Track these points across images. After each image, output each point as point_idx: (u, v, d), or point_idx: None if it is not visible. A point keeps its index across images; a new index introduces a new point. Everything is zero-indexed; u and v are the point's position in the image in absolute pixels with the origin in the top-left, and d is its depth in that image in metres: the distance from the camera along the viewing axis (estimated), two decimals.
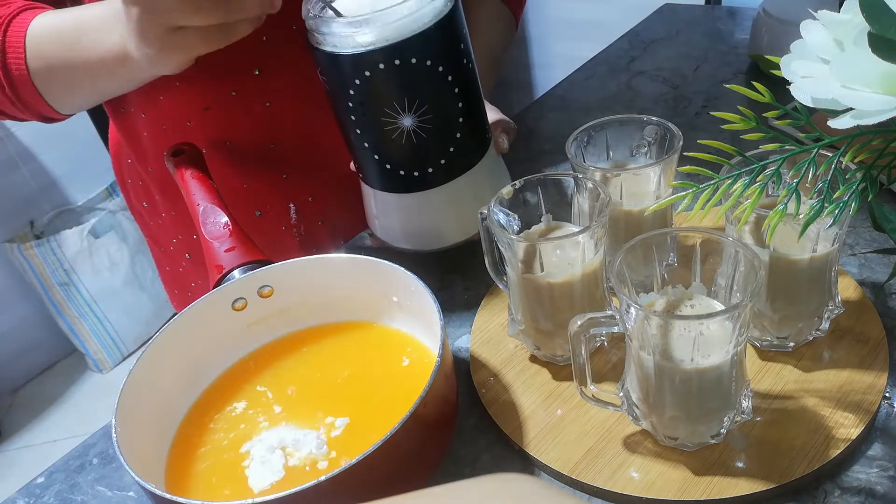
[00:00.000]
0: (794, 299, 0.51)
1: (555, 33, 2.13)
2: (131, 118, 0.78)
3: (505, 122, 0.69)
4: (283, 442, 0.50)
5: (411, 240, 0.66)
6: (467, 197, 0.63)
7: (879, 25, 0.35)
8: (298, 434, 0.51)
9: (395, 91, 0.56)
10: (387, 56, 0.54)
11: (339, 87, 0.57)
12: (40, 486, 0.57)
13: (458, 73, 0.58)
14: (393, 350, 0.57)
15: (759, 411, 0.50)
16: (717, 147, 0.44)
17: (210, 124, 0.74)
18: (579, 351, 0.47)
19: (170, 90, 0.72)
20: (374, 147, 0.60)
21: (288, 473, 0.49)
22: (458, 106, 0.59)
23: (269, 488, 0.48)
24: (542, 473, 0.50)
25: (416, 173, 0.61)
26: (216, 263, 0.59)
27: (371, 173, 0.63)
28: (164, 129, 0.75)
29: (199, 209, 0.63)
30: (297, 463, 0.49)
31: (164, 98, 0.73)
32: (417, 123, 0.57)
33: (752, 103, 0.44)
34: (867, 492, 0.45)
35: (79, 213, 2.09)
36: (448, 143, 0.60)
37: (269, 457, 0.50)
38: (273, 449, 0.50)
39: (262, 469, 0.49)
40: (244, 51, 0.69)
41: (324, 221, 0.82)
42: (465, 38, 0.59)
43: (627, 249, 0.47)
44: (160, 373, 0.53)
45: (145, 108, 0.75)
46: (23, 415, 2.07)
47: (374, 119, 0.58)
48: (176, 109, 0.73)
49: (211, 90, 0.72)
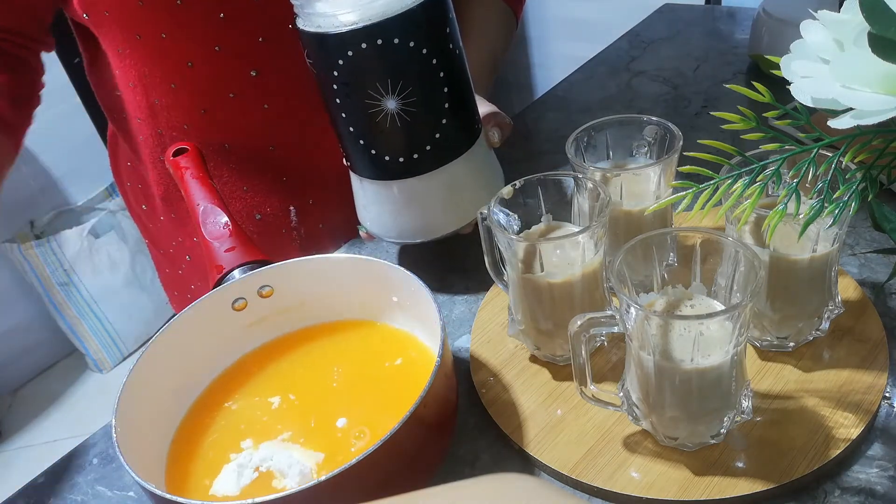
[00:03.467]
0: (794, 299, 0.51)
1: (555, 33, 2.13)
2: (129, 122, 0.78)
3: (499, 116, 0.68)
4: (281, 445, 0.50)
5: (398, 230, 0.66)
6: (454, 186, 0.63)
7: (879, 25, 0.35)
8: (293, 447, 0.50)
9: (379, 72, 0.56)
10: (369, 35, 0.54)
11: (324, 69, 0.57)
12: (40, 486, 0.57)
13: (443, 57, 0.58)
14: (393, 350, 0.57)
15: (759, 411, 0.50)
16: (717, 147, 0.44)
17: (208, 127, 0.74)
18: (579, 351, 0.47)
19: (167, 93, 0.72)
20: (359, 131, 0.60)
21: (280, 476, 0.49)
22: (444, 91, 0.59)
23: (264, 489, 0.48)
24: (542, 473, 0.50)
25: (402, 159, 0.60)
26: (216, 263, 0.59)
27: (357, 160, 0.63)
28: (161, 133, 0.75)
29: (199, 209, 0.63)
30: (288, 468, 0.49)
31: (161, 101, 0.73)
32: (401, 106, 0.57)
33: (752, 103, 0.44)
34: (867, 492, 0.45)
35: (79, 213, 2.09)
36: (433, 128, 0.60)
37: (268, 457, 0.50)
38: (271, 450, 0.50)
39: (247, 473, 0.49)
40: (241, 52, 0.69)
41: (324, 224, 0.82)
42: (452, 23, 0.59)
43: (627, 249, 0.47)
44: (160, 373, 0.53)
45: (142, 113, 0.75)
46: (23, 415, 2.07)
47: (359, 101, 0.57)
48: (173, 113, 0.73)
49: (208, 92, 0.72)
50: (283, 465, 0.49)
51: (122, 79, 0.74)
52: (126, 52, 0.70)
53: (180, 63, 0.70)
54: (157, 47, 0.69)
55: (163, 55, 0.69)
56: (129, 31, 0.69)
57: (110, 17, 0.68)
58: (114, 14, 0.68)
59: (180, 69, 0.70)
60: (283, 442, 0.51)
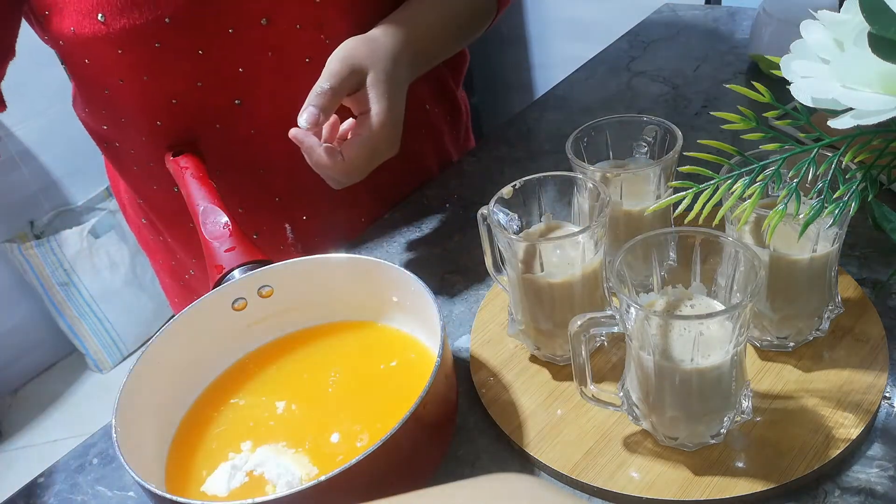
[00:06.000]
0: (794, 299, 0.51)
1: (555, 33, 2.13)
2: (121, 153, 0.78)
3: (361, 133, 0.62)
4: (278, 451, 0.50)
5: None
6: None
7: (879, 25, 0.35)
8: (288, 452, 0.50)
9: None
10: None
11: None
12: (40, 486, 0.57)
13: None
14: (392, 350, 0.57)
15: (759, 411, 0.50)
16: (717, 147, 0.44)
17: (197, 156, 0.74)
18: (579, 351, 0.47)
19: (153, 131, 0.72)
20: None
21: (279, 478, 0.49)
22: None
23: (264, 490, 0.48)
24: (542, 473, 0.50)
25: None
26: (216, 263, 0.59)
27: None
28: (151, 165, 0.76)
29: (199, 209, 0.63)
30: (287, 469, 0.49)
31: (147, 138, 0.73)
32: None
33: (752, 103, 0.44)
34: (867, 492, 0.45)
35: (79, 213, 2.09)
36: None
37: (262, 462, 0.50)
38: (267, 454, 0.50)
39: (239, 475, 0.49)
40: (222, 83, 0.69)
41: (320, 237, 0.82)
42: None
43: (627, 249, 0.47)
44: (160, 373, 0.53)
45: (131, 146, 0.75)
46: (23, 415, 2.07)
47: None
48: (161, 147, 0.73)
49: (194, 126, 0.72)
50: (273, 473, 0.49)
51: (109, 115, 0.74)
52: (110, 94, 0.71)
53: (164, 101, 0.70)
54: (140, 89, 0.69)
55: (146, 96, 0.70)
56: (111, 77, 0.69)
57: (91, 65, 0.68)
58: (94, 62, 0.68)
59: (164, 107, 0.70)
60: (279, 447, 0.51)
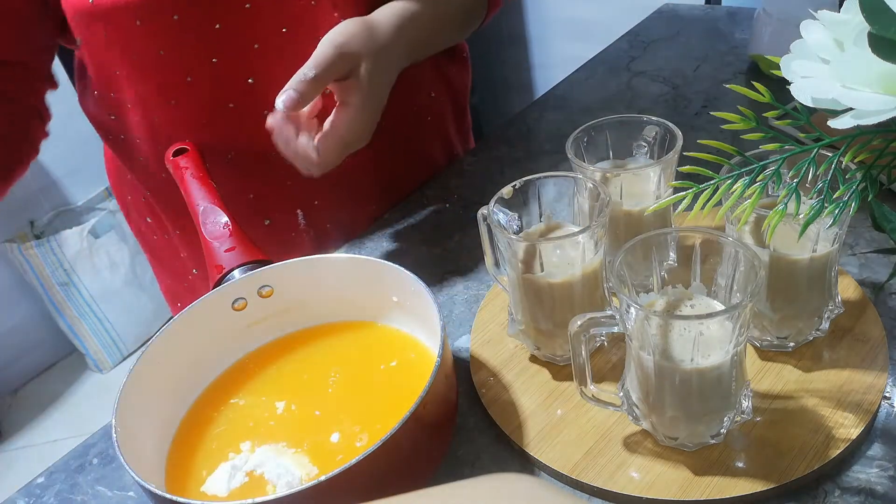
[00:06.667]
0: (794, 299, 0.51)
1: (555, 33, 2.13)
2: (128, 144, 0.77)
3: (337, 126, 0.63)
4: (277, 451, 0.50)
5: None
6: None
7: (879, 25, 0.35)
8: (288, 453, 0.50)
9: None
10: None
11: None
12: (40, 486, 0.57)
13: None
14: (392, 351, 0.57)
15: (759, 411, 0.50)
16: (717, 147, 0.44)
17: (210, 139, 0.74)
18: (579, 351, 0.47)
19: (167, 110, 0.72)
20: None
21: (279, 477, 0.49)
22: None
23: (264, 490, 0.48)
24: (542, 473, 0.50)
25: None
26: (216, 263, 0.59)
27: None
28: (160, 149, 0.75)
29: (199, 209, 0.63)
30: (288, 469, 0.49)
31: (161, 119, 0.73)
32: None
33: (752, 103, 0.44)
34: (867, 492, 0.45)
35: (79, 213, 2.09)
36: None
37: (262, 462, 0.50)
38: (266, 455, 0.50)
39: (239, 475, 0.49)
40: (237, 61, 0.69)
41: (332, 223, 0.82)
42: None
43: (627, 249, 0.47)
44: (160, 373, 0.53)
45: (142, 132, 0.75)
46: (23, 415, 2.07)
47: None
48: (174, 129, 0.73)
49: (207, 105, 0.72)
50: (273, 473, 0.49)
51: (120, 101, 0.74)
52: (123, 73, 0.71)
53: (179, 78, 0.70)
54: (155, 65, 0.69)
55: (161, 72, 0.70)
56: (127, 51, 0.69)
57: (108, 38, 0.68)
58: (111, 34, 0.68)
59: (179, 84, 0.70)
60: (279, 447, 0.51)
